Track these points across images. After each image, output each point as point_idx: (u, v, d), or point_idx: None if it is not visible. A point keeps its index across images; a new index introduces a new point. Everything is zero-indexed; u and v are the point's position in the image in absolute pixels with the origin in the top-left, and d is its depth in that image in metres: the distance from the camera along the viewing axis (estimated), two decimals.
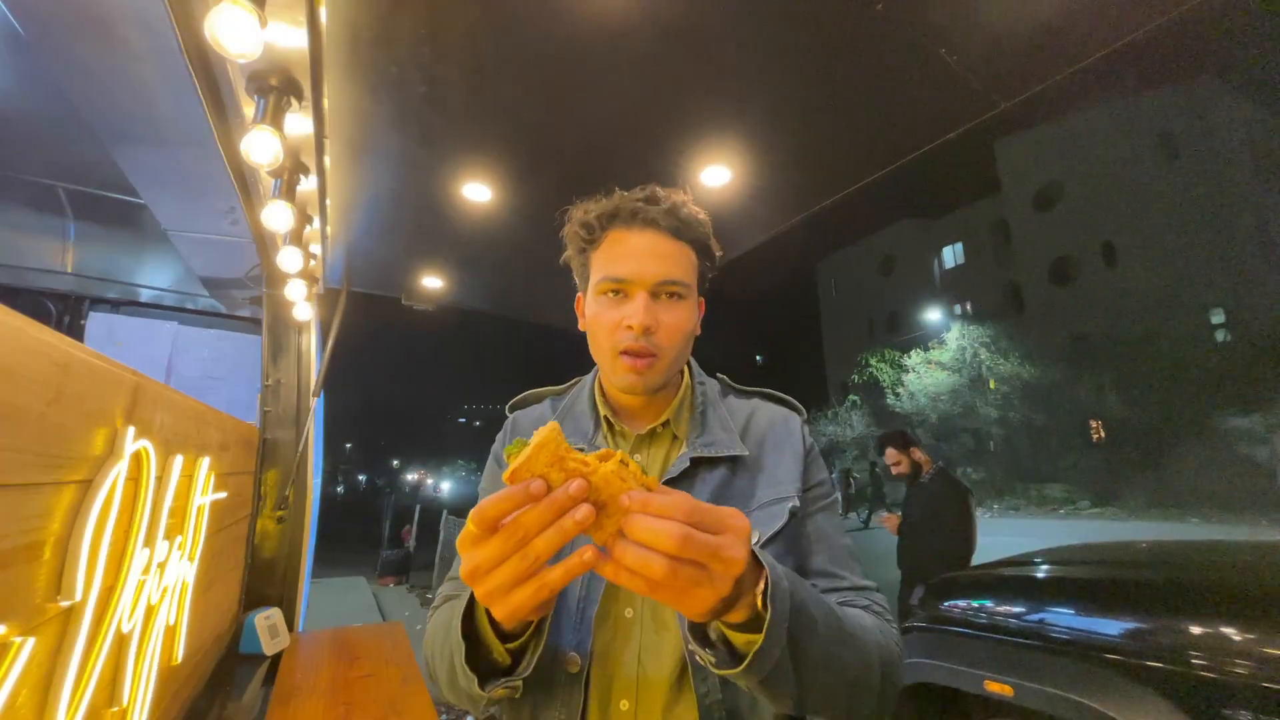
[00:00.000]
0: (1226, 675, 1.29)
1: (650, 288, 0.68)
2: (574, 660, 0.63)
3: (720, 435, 0.73)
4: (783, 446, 0.75)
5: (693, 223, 0.71)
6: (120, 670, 0.92)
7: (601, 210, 0.71)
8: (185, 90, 1.29)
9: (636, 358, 0.67)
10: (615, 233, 0.71)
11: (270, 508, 2.28)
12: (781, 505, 0.69)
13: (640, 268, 0.68)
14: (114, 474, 0.81)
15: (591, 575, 0.64)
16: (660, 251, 0.69)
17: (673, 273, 0.69)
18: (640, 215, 0.69)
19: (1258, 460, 13.28)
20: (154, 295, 3.08)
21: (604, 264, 0.70)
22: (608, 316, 0.69)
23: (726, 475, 0.71)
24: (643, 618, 0.65)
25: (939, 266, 27.27)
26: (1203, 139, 17.95)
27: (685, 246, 0.71)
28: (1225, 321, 16.97)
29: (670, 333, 0.69)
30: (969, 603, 1.99)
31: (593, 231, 0.71)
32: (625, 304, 0.69)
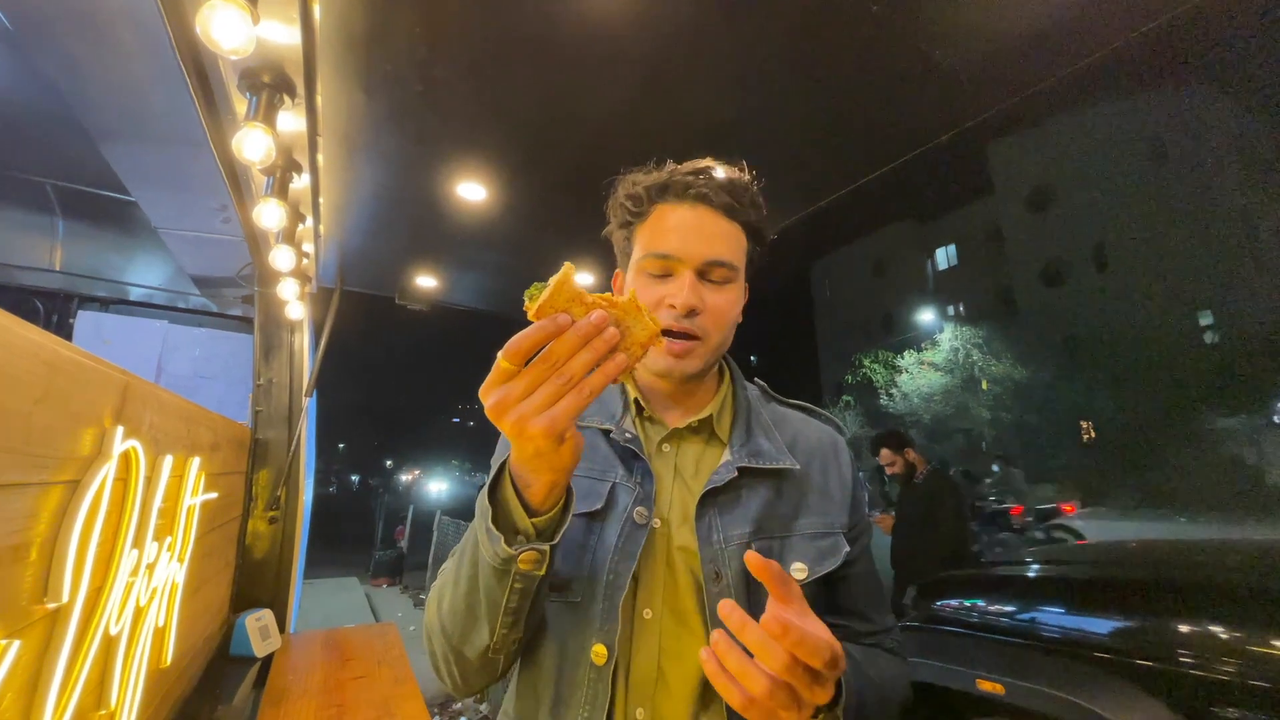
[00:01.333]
0: (1213, 673, 1.30)
1: (698, 266, 0.64)
2: (600, 652, 0.58)
3: (766, 445, 0.68)
4: (829, 469, 0.71)
5: (748, 202, 0.66)
6: (108, 672, 0.91)
7: (652, 182, 0.66)
8: (176, 87, 1.28)
9: (676, 339, 0.63)
10: (664, 206, 0.66)
11: (262, 508, 2.26)
12: (831, 540, 0.66)
13: (688, 245, 0.64)
14: (102, 474, 0.80)
15: (619, 560, 0.60)
16: (711, 230, 0.64)
17: (723, 252, 0.64)
18: (693, 190, 0.64)
19: (1245, 460, 13.45)
20: (144, 294, 3.05)
21: (650, 239, 0.66)
22: (650, 294, 0.65)
23: (772, 491, 0.66)
24: (662, 623, 0.61)
25: (932, 268, 27.43)
26: (1191, 143, 18.16)
27: (737, 227, 0.66)
28: (1213, 323, 17.18)
29: (715, 316, 0.64)
30: (961, 602, 2.00)
31: (640, 204, 0.67)
32: (669, 282, 0.64)
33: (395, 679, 1.70)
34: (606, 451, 0.68)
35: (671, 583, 0.62)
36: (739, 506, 0.64)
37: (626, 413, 0.71)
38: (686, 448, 0.69)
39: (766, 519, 0.64)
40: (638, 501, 0.63)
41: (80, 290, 2.88)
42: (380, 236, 2.55)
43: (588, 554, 0.62)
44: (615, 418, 0.70)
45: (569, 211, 2.25)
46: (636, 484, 0.65)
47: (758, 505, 0.64)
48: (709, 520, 0.63)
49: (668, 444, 0.69)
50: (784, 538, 0.64)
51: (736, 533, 0.62)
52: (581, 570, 0.62)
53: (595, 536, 0.63)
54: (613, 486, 0.65)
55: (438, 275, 2.98)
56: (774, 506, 0.65)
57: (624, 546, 0.61)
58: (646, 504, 0.63)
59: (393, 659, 1.87)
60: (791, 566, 0.62)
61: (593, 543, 0.63)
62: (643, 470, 0.65)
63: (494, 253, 2.72)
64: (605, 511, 0.64)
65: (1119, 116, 19.56)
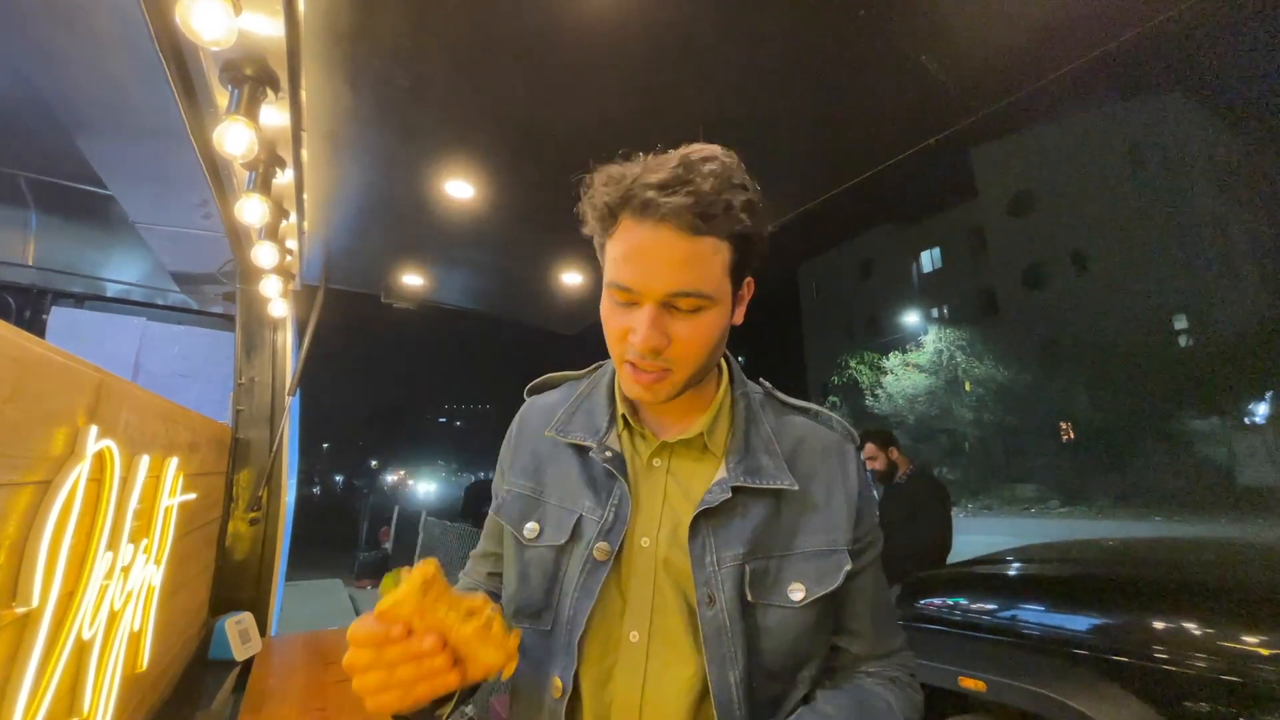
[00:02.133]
0: (1187, 668, 1.33)
1: (660, 299, 0.56)
2: (556, 685, 0.59)
3: (765, 461, 0.63)
4: (834, 483, 0.65)
5: (721, 212, 0.55)
6: (80, 679, 0.89)
7: (610, 196, 0.57)
8: (155, 78, 1.25)
9: (644, 374, 0.59)
10: (626, 222, 0.57)
11: (243, 509, 2.22)
12: (834, 559, 0.62)
13: (648, 277, 0.55)
14: (74, 475, 0.78)
15: (579, 598, 0.60)
16: (674, 257, 0.55)
17: (689, 282, 0.55)
18: (652, 208, 0.54)
19: (1217, 461, 13.83)
20: (121, 290, 2.98)
21: (614, 262, 0.58)
22: (616, 322, 0.59)
23: (770, 510, 0.62)
24: (650, 645, 0.59)
25: (917, 271, 27.80)
26: (1168, 151, 18.63)
27: (712, 242, 0.56)
28: (1187, 327, 17.64)
29: (684, 347, 0.58)
30: (944, 600, 2.02)
31: (604, 219, 0.59)
32: (633, 312, 0.58)
33: None
34: (579, 476, 0.66)
35: (661, 605, 0.60)
36: (733, 526, 0.60)
37: (612, 426, 0.67)
38: (679, 462, 0.65)
39: (763, 539, 0.61)
40: (601, 535, 0.61)
41: (54, 286, 2.81)
42: (366, 234, 2.52)
43: (556, 585, 0.62)
44: (599, 432, 0.66)
45: (557, 210, 2.24)
46: (608, 511, 0.62)
47: (754, 525, 0.61)
48: (702, 540, 0.60)
49: (658, 458, 0.65)
50: (782, 557, 0.61)
51: (730, 554, 0.59)
52: (550, 600, 0.62)
53: (562, 568, 0.63)
54: (579, 519, 0.63)
55: (424, 273, 2.96)
56: (771, 525, 0.62)
57: (584, 584, 0.60)
58: (612, 538, 0.61)
59: None
60: (789, 588, 0.60)
61: (560, 574, 0.63)
62: (620, 493, 0.62)
63: (482, 251, 2.70)
64: (570, 545, 0.63)
65: (1098, 124, 20.01)
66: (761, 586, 0.59)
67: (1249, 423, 13.86)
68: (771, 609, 0.59)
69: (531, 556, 0.65)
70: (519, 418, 0.77)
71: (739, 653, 0.57)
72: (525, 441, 0.73)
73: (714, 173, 0.55)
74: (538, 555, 0.65)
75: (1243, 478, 13.34)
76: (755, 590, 0.59)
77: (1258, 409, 13.73)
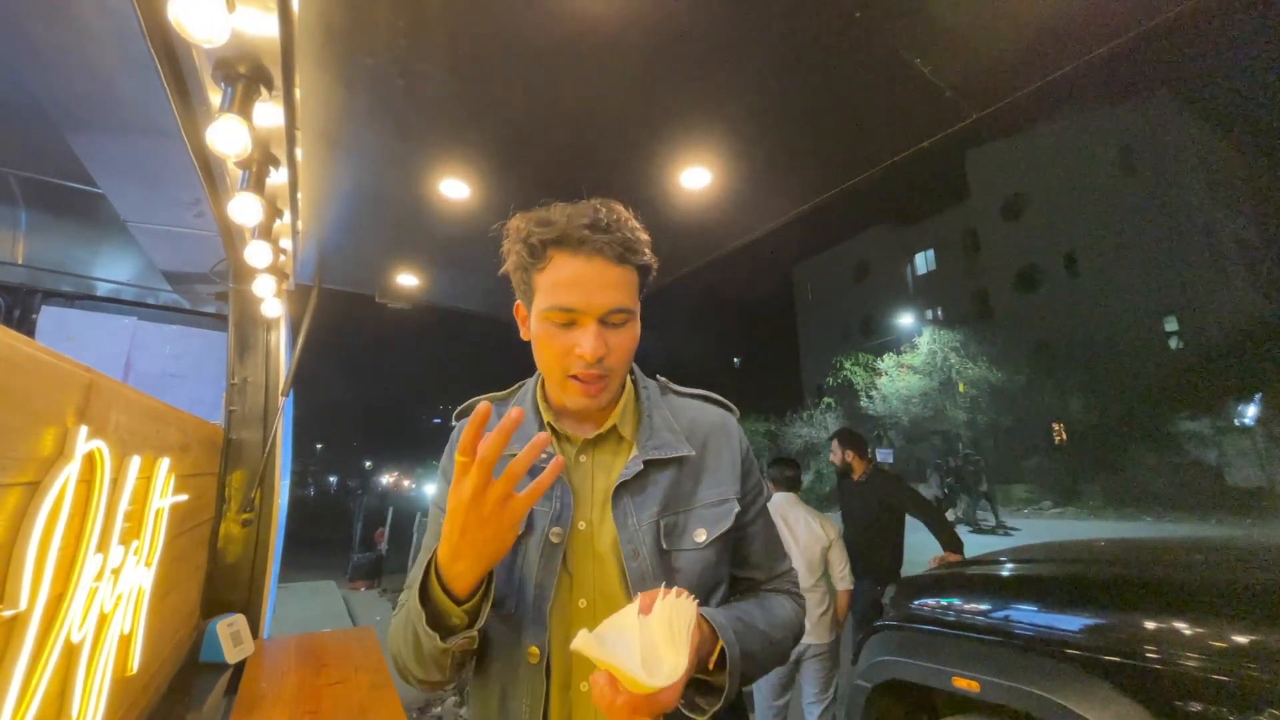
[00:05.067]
0: (1178, 668, 1.34)
1: (600, 317, 0.70)
2: (534, 652, 0.69)
3: (667, 437, 0.78)
4: (722, 448, 0.81)
5: (637, 247, 0.73)
6: (69, 682, 0.88)
7: (546, 235, 0.71)
8: (147, 75, 1.24)
9: (589, 383, 0.71)
10: (560, 257, 0.71)
11: (235, 510, 2.21)
12: (726, 506, 0.77)
13: (589, 298, 0.69)
14: (64, 476, 0.77)
15: (544, 575, 0.71)
16: (607, 280, 0.70)
17: (621, 300, 0.71)
18: (588, 244, 0.69)
19: (1206, 462, 13.94)
20: (112, 289, 2.96)
21: (551, 290, 0.70)
22: (558, 342, 0.71)
23: (675, 475, 0.76)
24: (595, 607, 0.71)
25: (911, 272, 27.93)
26: (1159, 154, 18.80)
27: (629, 270, 0.73)
28: (1178, 329, 17.80)
29: (619, 355, 0.72)
30: (937, 601, 2.03)
31: (536, 253, 0.72)
32: (574, 331, 0.70)
33: (372, 684, 1.66)
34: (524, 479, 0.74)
35: (600, 573, 0.72)
36: (647, 491, 0.74)
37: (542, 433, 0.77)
38: (600, 455, 0.78)
39: (671, 498, 0.75)
40: (552, 523, 0.73)
41: (44, 285, 2.78)
42: (360, 233, 2.51)
43: (515, 573, 0.73)
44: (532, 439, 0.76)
45: None
46: (555, 502, 0.74)
47: (662, 488, 0.75)
48: (623, 507, 0.73)
49: (583, 455, 0.78)
50: (687, 511, 0.76)
51: (647, 514, 0.73)
52: (511, 586, 0.72)
53: (520, 557, 0.73)
54: (531, 513, 0.73)
55: (419, 274, 2.94)
56: (677, 487, 0.76)
57: (545, 565, 0.72)
58: (562, 523, 0.73)
59: (370, 664, 1.84)
60: (694, 533, 0.75)
61: (519, 563, 0.73)
62: (561, 486, 0.74)
63: (477, 252, 2.69)
64: (525, 535, 0.73)
65: (1090, 128, 20.16)
66: (673, 536, 0.74)
67: (1238, 424, 13.98)
68: (682, 553, 0.74)
69: None
70: (454, 437, 0.84)
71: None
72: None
73: (625, 219, 0.73)
74: None
75: (1232, 478, 13.46)
76: (669, 539, 0.73)
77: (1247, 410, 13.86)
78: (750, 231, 2.50)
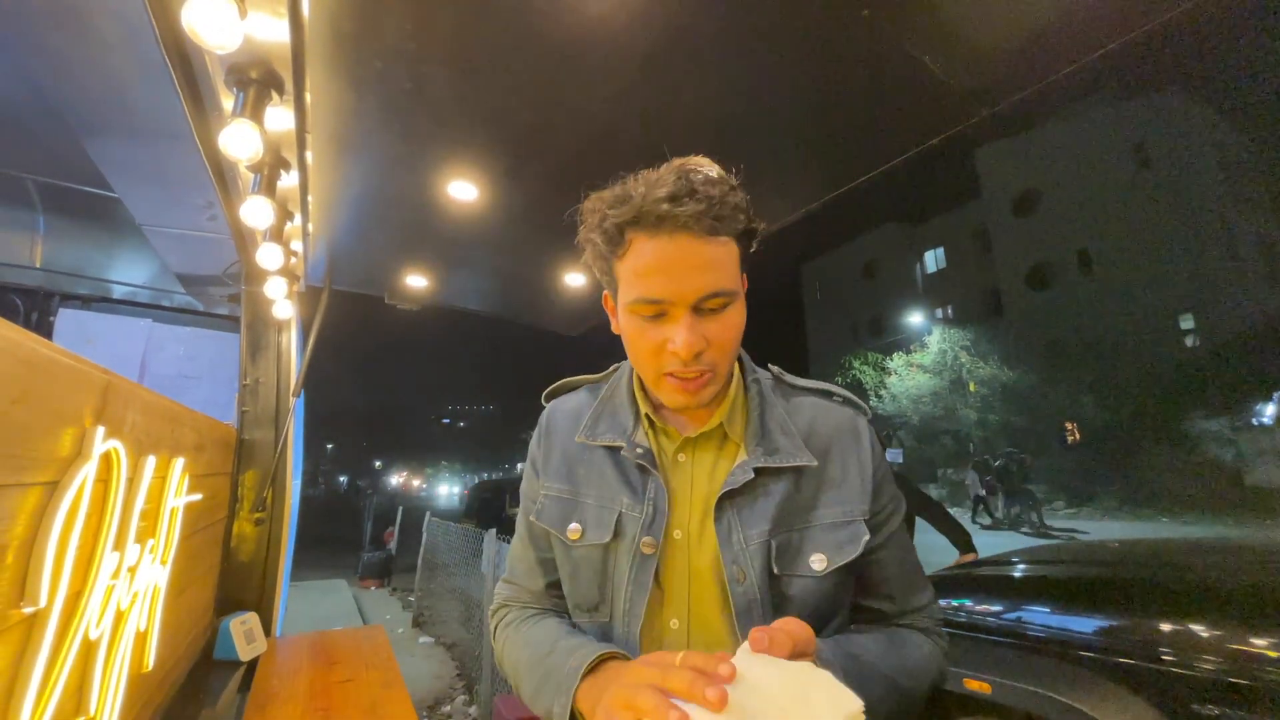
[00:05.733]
0: (1194, 671, 1.32)
1: (693, 304, 0.59)
2: None
3: (783, 441, 0.66)
4: (849, 457, 0.68)
5: (730, 213, 0.59)
6: (87, 678, 0.89)
7: (621, 217, 0.60)
8: (161, 81, 1.26)
9: (688, 381, 0.61)
10: (640, 240, 0.59)
11: (248, 510, 2.23)
12: (851, 529, 0.65)
13: (678, 285, 0.58)
14: (82, 475, 0.78)
15: (633, 591, 0.64)
16: (698, 261, 0.58)
17: (716, 283, 0.59)
18: (669, 221, 0.57)
19: (1223, 461, 13.70)
20: (127, 292, 3.00)
21: (634, 280, 0.60)
22: (649, 338, 0.61)
23: (791, 487, 0.65)
24: (689, 630, 0.63)
25: (921, 271, 27.70)
26: (1173, 150, 18.50)
27: (726, 242, 0.60)
28: (1194, 327, 17.50)
29: (721, 344, 0.61)
30: (949, 602, 2.01)
31: (613, 240, 0.61)
32: (666, 324, 0.60)
33: (383, 682, 1.68)
34: (614, 474, 0.69)
35: (698, 593, 0.64)
36: (756, 505, 0.64)
37: (638, 426, 0.70)
38: (702, 455, 0.68)
39: (784, 514, 0.64)
40: (644, 530, 0.64)
41: (62, 288, 2.83)
42: (370, 235, 2.53)
43: (608, 581, 0.66)
44: (627, 432, 0.69)
45: (561, 212, 2.24)
46: (647, 505, 0.65)
47: (775, 502, 0.64)
48: (727, 521, 0.64)
49: (683, 454, 0.68)
50: (803, 530, 0.65)
51: (755, 531, 0.63)
52: (605, 595, 0.66)
53: (611, 564, 0.66)
54: (619, 516, 0.66)
55: (428, 275, 2.96)
56: (792, 501, 0.65)
57: (636, 577, 0.64)
58: (654, 531, 0.64)
59: (381, 662, 1.85)
60: (811, 558, 0.63)
61: (610, 569, 0.66)
62: (655, 487, 0.66)
63: (485, 253, 2.71)
64: (615, 542, 0.66)
65: (1103, 123, 19.88)
66: (786, 559, 0.63)
67: (1256, 423, 13.73)
68: (795, 579, 0.63)
69: (579, 556, 0.69)
70: (545, 423, 0.79)
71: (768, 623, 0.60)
72: (555, 445, 0.75)
73: (713, 179, 0.60)
74: (584, 554, 0.68)
75: (1250, 478, 13.22)
76: (781, 563, 0.63)
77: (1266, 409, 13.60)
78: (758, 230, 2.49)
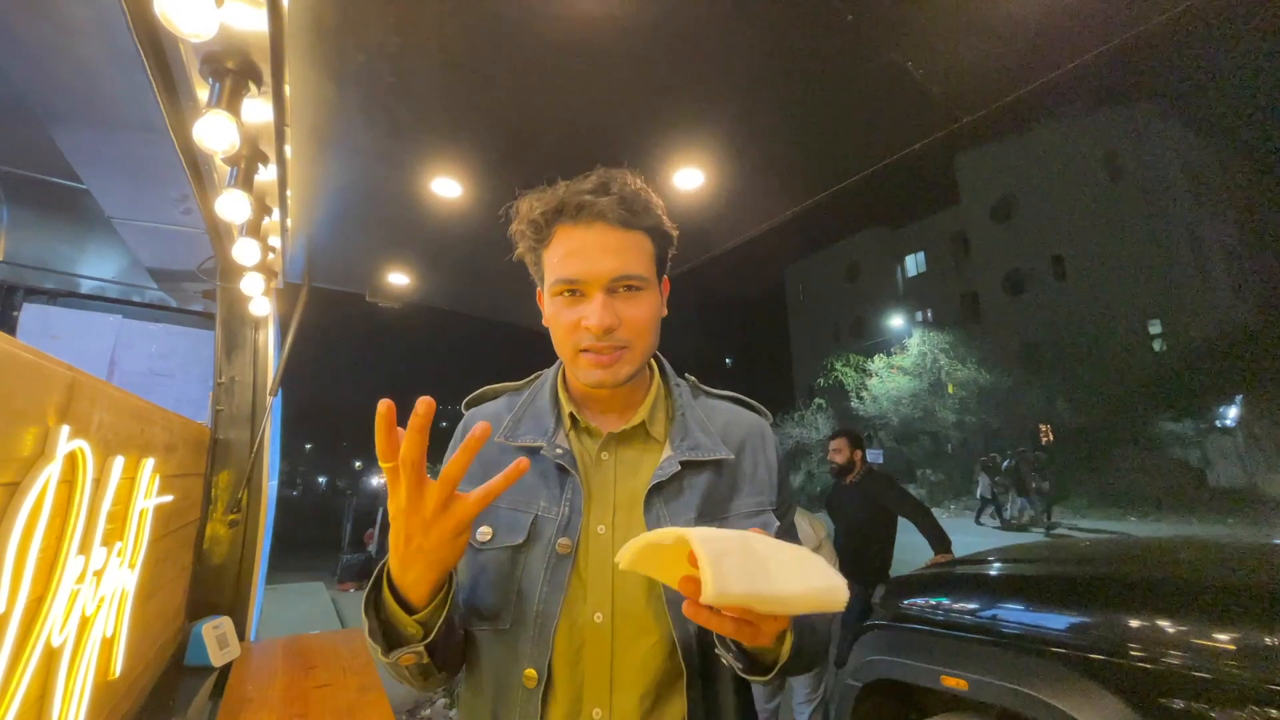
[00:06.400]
0: (1161, 665, 1.36)
1: (606, 285, 0.65)
2: (530, 675, 0.62)
3: (703, 438, 0.72)
4: (758, 455, 0.75)
5: (643, 209, 0.67)
6: (49, 686, 0.86)
7: (546, 206, 0.67)
8: (133, 70, 1.23)
9: (601, 354, 0.66)
10: (563, 229, 0.67)
11: (221, 511, 2.18)
12: (763, 517, 0.71)
13: (592, 266, 0.64)
14: (44, 476, 0.76)
15: (548, 592, 0.64)
16: (612, 246, 0.65)
17: (627, 267, 0.65)
18: (587, 209, 0.65)
19: (1190, 463, 14.16)
20: (96, 286, 2.91)
21: (556, 264, 0.67)
22: (566, 317, 0.67)
23: (711, 479, 0.70)
24: (614, 622, 0.63)
25: (902, 274, 28.14)
26: (1144, 160, 19.09)
27: (639, 235, 0.67)
28: (1162, 332, 18.07)
29: (633, 325, 0.67)
30: (926, 600, 2.05)
31: (540, 230, 0.68)
32: (582, 303, 0.66)
33: (361, 687, 1.65)
34: (531, 477, 0.69)
35: (621, 585, 0.65)
36: (682, 496, 0.68)
37: (559, 427, 0.72)
38: (624, 453, 0.72)
39: (707, 504, 0.69)
40: (560, 531, 0.66)
41: (26, 281, 2.73)
42: (351, 232, 2.49)
43: (514, 585, 0.66)
44: (548, 433, 0.71)
45: None
46: (564, 506, 0.67)
47: (699, 493, 0.69)
48: (656, 512, 0.67)
49: (606, 451, 0.71)
50: (723, 519, 0.69)
51: (682, 520, 0.67)
52: (509, 601, 0.65)
53: (520, 568, 0.66)
54: (535, 519, 0.67)
55: (410, 273, 2.92)
56: (714, 491, 0.70)
57: (551, 578, 0.65)
58: (570, 531, 0.66)
59: (359, 666, 1.82)
60: None
61: (518, 574, 0.66)
62: (572, 487, 0.68)
63: (469, 251, 2.68)
64: (529, 544, 0.66)
65: (1077, 132, 20.43)
66: None
67: (1220, 425, 14.22)
68: None
69: (486, 560, 0.68)
70: (461, 429, 0.78)
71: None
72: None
73: (629, 181, 0.68)
74: (492, 557, 0.68)
75: (1214, 479, 13.68)
76: None
77: (1229, 412, 14.10)
78: (742, 232, 2.51)
